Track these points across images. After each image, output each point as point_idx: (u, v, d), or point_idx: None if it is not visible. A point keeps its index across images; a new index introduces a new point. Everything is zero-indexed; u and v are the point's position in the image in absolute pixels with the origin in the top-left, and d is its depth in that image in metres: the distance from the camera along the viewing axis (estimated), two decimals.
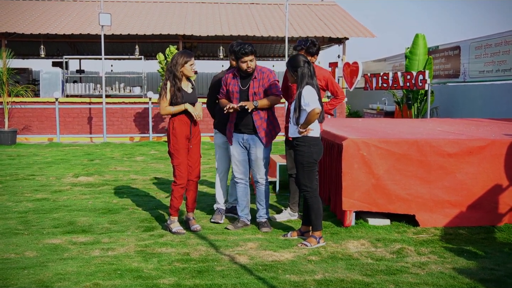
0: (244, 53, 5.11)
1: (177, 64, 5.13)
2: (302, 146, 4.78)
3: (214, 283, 3.81)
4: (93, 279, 3.87)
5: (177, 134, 5.18)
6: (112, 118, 14.53)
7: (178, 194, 5.23)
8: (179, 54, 5.21)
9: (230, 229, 5.29)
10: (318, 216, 4.83)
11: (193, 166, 5.32)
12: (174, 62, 5.14)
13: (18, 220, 5.64)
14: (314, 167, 4.82)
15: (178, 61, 5.12)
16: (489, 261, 4.32)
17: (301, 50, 5.42)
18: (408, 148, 5.30)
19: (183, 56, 5.16)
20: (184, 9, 18.47)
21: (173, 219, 5.24)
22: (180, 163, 5.20)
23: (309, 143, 4.77)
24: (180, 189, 5.22)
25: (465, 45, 13.79)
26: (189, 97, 5.22)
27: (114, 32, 15.20)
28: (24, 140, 14.11)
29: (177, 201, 5.24)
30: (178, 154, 5.20)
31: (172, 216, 5.25)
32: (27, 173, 8.66)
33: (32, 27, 15.47)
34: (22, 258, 4.40)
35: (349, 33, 16.12)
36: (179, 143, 5.19)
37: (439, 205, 5.31)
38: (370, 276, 3.97)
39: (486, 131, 6.44)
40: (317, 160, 4.84)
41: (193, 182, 5.35)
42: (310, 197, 4.84)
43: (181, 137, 5.19)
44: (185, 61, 5.14)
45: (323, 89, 5.56)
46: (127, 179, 8.19)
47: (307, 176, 4.81)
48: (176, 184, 5.22)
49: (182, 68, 5.14)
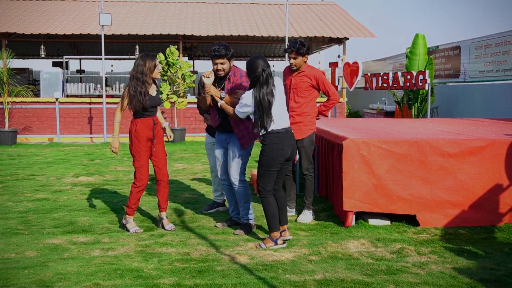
0: (215, 55, 5.08)
1: (146, 70, 5.08)
2: (263, 145, 4.71)
3: (214, 283, 3.81)
4: (94, 279, 3.87)
5: (139, 137, 5.18)
6: (112, 118, 14.46)
7: (136, 196, 5.25)
8: (145, 59, 5.11)
9: (218, 227, 5.36)
10: (270, 218, 4.72)
11: (160, 166, 5.32)
12: (141, 69, 5.06)
13: (19, 220, 5.64)
14: (271, 168, 4.67)
15: (146, 67, 5.07)
16: (489, 261, 4.32)
17: (291, 52, 5.50)
18: (409, 148, 5.30)
19: (149, 61, 5.10)
20: (184, 9, 18.47)
21: (129, 218, 5.27)
22: (141, 166, 5.20)
23: (271, 142, 4.66)
24: (139, 191, 5.23)
25: (465, 45, 13.78)
26: (154, 100, 5.21)
27: (114, 32, 15.19)
28: (24, 140, 14.11)
29: (134, 202, 5.24)
30: (139, 157, 5.20)
31: (128, 216, 5.26)
32: (27, 173, 8.66)
33: (32, 27, 15.46)
34: (22, 258, 4.40)
35: (349, 33, 16.11)
36: (141, 145, 5.19)
37: (439, 205, 5.30)
38: (370, 276, 3.97)
39: (487, 131, 6.45)
40: (279, 161, 4.67)
41: (163, 182, 5.34)
42: (261, 198, 4.75)
43: (142, 139, 5.18)
44: (154, 66, 5.14)
45: (315, 87, 5.61)
46: (127, 179, 8.19)
47: (261, 175, 4.71)
48: (136, 186, 5.21)
49: (152, 74, 5.13)
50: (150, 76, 5.14)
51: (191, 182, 7.89)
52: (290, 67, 5.62)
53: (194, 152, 11.43)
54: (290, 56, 5.53)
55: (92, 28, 15.47)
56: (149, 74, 5.11)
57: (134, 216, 5.34)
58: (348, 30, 16.36)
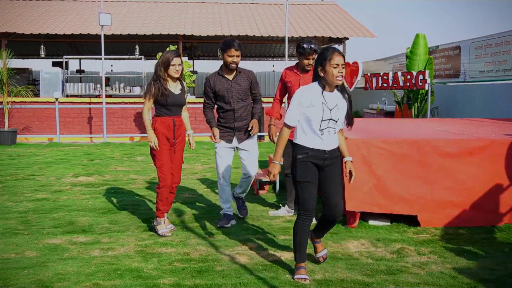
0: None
1: (160, 65, 5.06)
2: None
3: (214, 283, 3.81)
4: (93, 279, 3.87)
5: (158, 135, 5.10)
6: (112, 118, 14.52)
7: (164, 197, 5.16)
8: (164, 54, 5.11)
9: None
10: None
11: (174, 172, 5.25)
12: (157, 63, 5.09)
13: (18, 220, 5.63)
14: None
15: (161, 62, 5.06)
16: (489, 261, 4.32)
17: (313, 53, 5.40)
18: (409, 148, 5.29)
19: (165, 57, 5.07)
20: (184, 9, 18.47)
21: (160, 220, 5.19)
22: (162, 165, 5.12)
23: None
24: (165, 192, 5.15)
25: (465, 45, 13.78)
26: (176, 98, 5.13)
27: (114, 32, 15.19)
28: (24, 140, 14.10)
29: (163, 204, 5.17)
30: (159, 155, 5.11)
31: (159, 218, 5.19)
32: (27, 173, 8.66)
33: (32, 27, 15.46)
34: (22, 258, 4.39)
35: (349, 33, 16.11)
36: (160, 143, 5.10)
37: (440, 205, 5.29)
38: (370, 276, 3.96)
39: (487, 131, 6.44)
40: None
41: (173, 188, 5.28)
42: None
43: (162, 138, 5.11)
44: (168, 63, 5.05)
45: None
46: (127, 179, 8.19)
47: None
48: (160, 187, 5.14)
49: (167, 70, 5.07)
50: (164, 72, 5.06)
51: (191, 182, 7.88)
52: (305, 67, 5.49)
53: (194, 152, 11.43)
54: (309, 57, 5.42)
55: (92, 28, 15.47)
56: (162, 69, 5.05)
57: (164, 218, 5.21)
58: (348, 30, 16.36)
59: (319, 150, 3.88)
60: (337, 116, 3.88)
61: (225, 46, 5.25)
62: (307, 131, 3.87)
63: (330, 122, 3.86)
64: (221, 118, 5.47)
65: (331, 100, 3.86)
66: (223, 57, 5.30)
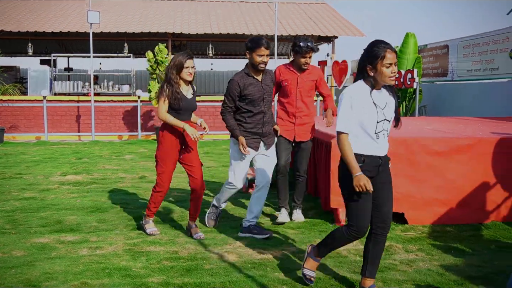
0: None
1: (172, 67, 4.78)
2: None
3: (203, 281, 3.80)
4: (81, 278, 3.85)
5: (165, 142, 4.87)
6: (100, 116, 14.44)
7: (157, 200, 5.04)
8: (176, 57, 4.83)
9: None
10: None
11: (194, 175, 4.96)
12: (169, 66, 4.81)
13: (5, 219, 5.58)
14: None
15: (173, 64, 4.78)
16: (476, 258, 4.36)
17: (310, 51, 5.33)
18: (397, 146, 5.31)
19: (177, 59, 4.79)
20: (173, 7, 18.40)
21: (148, 219, 5.13)
22: (163, 172, 4.93)
23: None
24: (159, 196, 5.02)
25: (453, 44, 13.88)
26: (188, 103, 4.87)
27: (103, 30, 15.10)
28: (11, 138, 13.98)
29: (154, 205, 5.07)
30: (163, 163, 4.91)
31: (148, 217, 5.13)
32: (14, 172, 8.59)
33: (19, 24, 15.32)
34: (9, 257, 4.36)
35: (338, 32, 16.14)
36: (166, 151, 4.88)
37: (428, 203, 5.33)
38: (358, 274, 3.98)
39: (474, 130, 6.49)
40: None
41: (196, 192, 4.99)
42: None
43: (169, 145, 4.87)
44: (181, 65, 4.75)
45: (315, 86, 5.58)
46: (115, 177, 8.15)
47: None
48: (156, 190, 5.00)
49: (179, 73, 4.78)
50: (176, 75, 4.78)
51: (179, 181, 7.86)
52: (302, 66, 5.39)
53: None
54: (306, 56, 5.31)
55: (80, 26, 15.36)
56: (175, 72, 4.77)
57: (153, 218, 5.14)
58: (337, 29, 16.39)
59: (374, 157, 3.52)
60: (389, 115, 3.55)
61: (254, 44, 4.85)
62: (361, 135, 3.48)
63: (385, 123, 3.53)
64: (245, 123, 4.95)
65: (380, 99, 3.49)
66: (251, 57, 4.89)
